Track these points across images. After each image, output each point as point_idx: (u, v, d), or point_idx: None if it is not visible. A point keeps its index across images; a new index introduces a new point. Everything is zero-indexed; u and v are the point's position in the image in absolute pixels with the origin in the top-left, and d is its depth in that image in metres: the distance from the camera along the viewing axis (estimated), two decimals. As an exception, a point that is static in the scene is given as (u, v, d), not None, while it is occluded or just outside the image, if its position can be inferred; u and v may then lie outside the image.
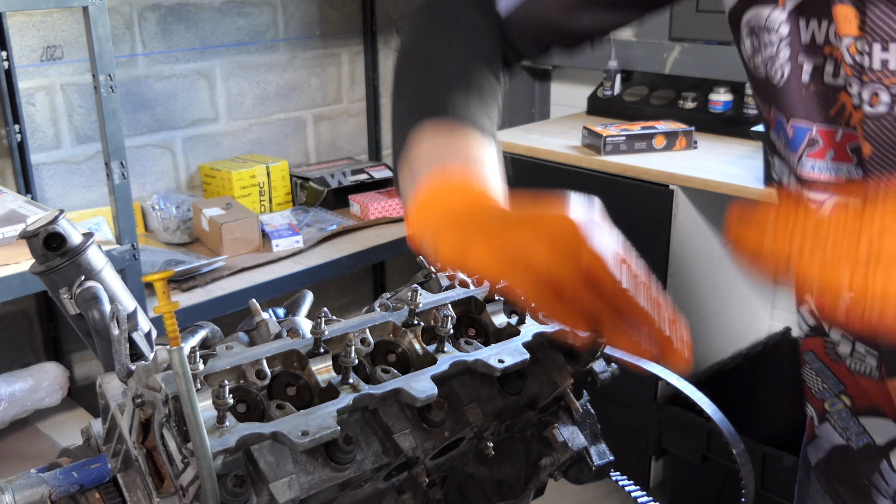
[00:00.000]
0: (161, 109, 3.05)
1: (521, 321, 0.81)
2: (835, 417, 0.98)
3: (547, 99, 3.40)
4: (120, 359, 0.70)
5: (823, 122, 0.80)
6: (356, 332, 0.76)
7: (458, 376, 0.77)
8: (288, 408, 0.67)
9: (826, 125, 0.80)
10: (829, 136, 0.80)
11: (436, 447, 0.74)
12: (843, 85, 0.77)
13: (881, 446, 0.93)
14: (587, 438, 0.87)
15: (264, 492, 0.65)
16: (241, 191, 3.08)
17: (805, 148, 0.83)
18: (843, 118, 0.78)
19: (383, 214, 3.15)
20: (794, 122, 0.82)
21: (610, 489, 2.70)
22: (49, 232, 0.74)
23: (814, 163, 0.83)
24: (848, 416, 0.96)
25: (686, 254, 2.47)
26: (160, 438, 0.65)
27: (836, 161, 0.81)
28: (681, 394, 0.98)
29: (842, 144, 0.79)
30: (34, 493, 0.69)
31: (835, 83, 0.77)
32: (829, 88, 0.78)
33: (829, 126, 0.80)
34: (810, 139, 0.81)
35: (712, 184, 2.27)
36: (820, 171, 0.83)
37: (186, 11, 3.03)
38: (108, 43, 2.05)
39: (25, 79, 2.69)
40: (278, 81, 3.34)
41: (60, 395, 2.62)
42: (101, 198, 2.88)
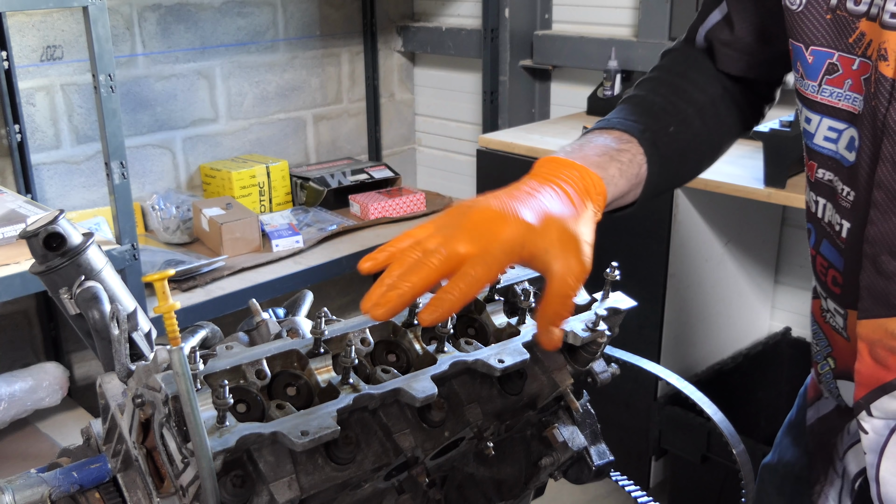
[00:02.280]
0: (161, 109, 3.05)
1: (521, 321, 0.81)
2: (823, 380, 1.02)
3: (547, 99, 3.40)
4: (120, 359, 0.70)
5: (843, 50, 0.83)
6: (356, 332, 0.76)
7: (458, 376, 0.77)
8: (288, 408, 0.67)
9: (845, 53, 0.83)
10: (848, 64, 0.83)
11: (436, 447, 0.73)
12: (864, 12, 0.79)
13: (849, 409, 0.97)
14: (587, 438, 0.87)
15: (264, 492, 0.65)
16: (241, 191, 3.08)
17: (824, 75, 0.86)
18: (861, 47, 0.81)
19: (383, 214, 3.15)
20: (813, 49, 0.85)
21: (610, 489, 2.70)
22: (49, 232, 0.74)
23: (832, 90, 0.86)
24: (830, 379, 1.00)
25: (686, 254, 2.47)
26: (160, 438, 0.65)
27: (852, 90, 0.83)
28: (681, 394, 0.98)
29: (857, 74, 0.82)
30: (34, 493, 0.69)
31: (856, 9, 0.80)
32: (850, 15, 0.81)
33: (847, 54, 0.83)
34: (830, 65, 0.84)
35: (712, 184, 2.27)
36: (838, 99, 0.86)
37: (186, 11, 3.03)
38: (108, 43, 2.05)
39: (25, 79, 2.69)
40: (278, 81, 3.34)
41: (60, 395, 2.62)
42: (101, 198, 2.88)
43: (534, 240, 0.76)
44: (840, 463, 1.02)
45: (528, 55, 3.28)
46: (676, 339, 2.53)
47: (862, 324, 0.86)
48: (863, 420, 0.88)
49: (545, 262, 0.76)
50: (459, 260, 0.73)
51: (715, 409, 0.95)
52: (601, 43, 3.00)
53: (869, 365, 0.86)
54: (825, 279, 0.95)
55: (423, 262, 0.73)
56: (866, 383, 0.87)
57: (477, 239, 0.74)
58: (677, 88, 1.05)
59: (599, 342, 0.81)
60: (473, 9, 3.41)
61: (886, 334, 0.84)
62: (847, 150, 0.86)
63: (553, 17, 3.28)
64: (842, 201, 0.88)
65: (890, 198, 0.81)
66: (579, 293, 0.89)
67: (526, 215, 0.77)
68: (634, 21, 3.01)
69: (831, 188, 0.90)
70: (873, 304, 0.84)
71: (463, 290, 0.71)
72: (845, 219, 0.88)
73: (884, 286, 0.83)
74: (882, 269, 0.83)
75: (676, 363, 2.54)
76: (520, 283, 0.86)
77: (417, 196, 3.23)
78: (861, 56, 0.81)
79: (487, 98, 3.31)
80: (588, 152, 0.91)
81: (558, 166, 0.87)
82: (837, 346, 0.97)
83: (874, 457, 0.89)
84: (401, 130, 3.81)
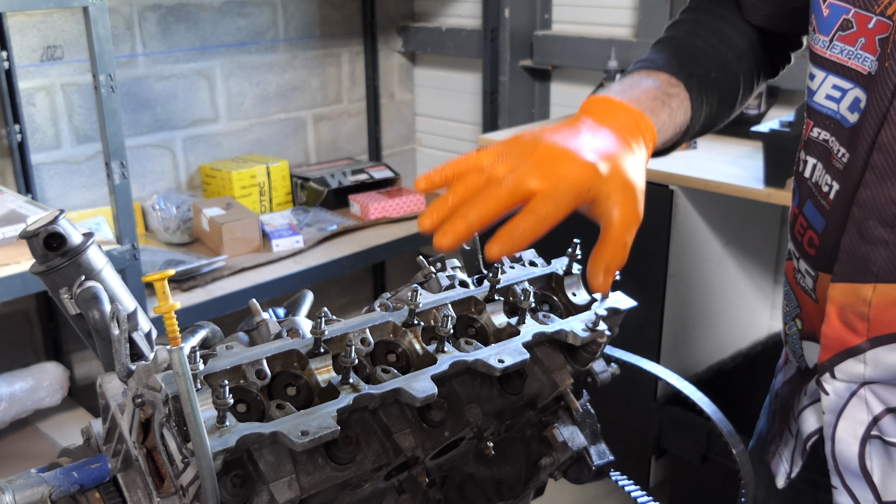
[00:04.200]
0: (161, 109, 3.05)
1: (521, 321, 0.81)
2: (789, 340, 1.03)
3: (547, 99, 3.40)
4: (120, 359, 0.70)
5: (860, 6, 0.82)
6: (356, 332, 0.76)
7: (458, 376, 0.77)
8: (288, 408, 0.67)
9: (862, 10, 0.82)
10: (864, 22, 0.82)
11: (436, 447, 0.74)
12: None
13: (811, 370, 0.98)
14: (587, 438, 0.87)
15: (264, 492, 0.65)
16: (241, 191, 3.08)
17: (837, 30, 0.85)
18: (881, 5, 0.80)
19: (383, 214, 3.15)
20: (830, 2, 0.84)
21: (610, 489, 2.70)
22: (49, 232, 0.74)
23: (843, 47, 0.85)
24: (797, 340, 1.01)
25: (686, 254, 2.47)
26: (160, 438, 0.65)
27: (864, 49, 0.82)
28: (681, 394, 0.98)
29: (872, 33, 0.81)
30: (34, 493, 0.69)
31: None
32: None
33: (865, 11, 0.81)
34: (844, 21, 0.83)
35: (712, 184, 2.27)
36: (848, 57, 0.85)
37: (186, 11, 3.03)
38: (108, 43, 2.05)
39: (25, 79, 2.69)
40: (278, 81, 3.34)
41: (60, 395, 2.62)
42: (101, 198, 2.88)
43: (599, 184, 0.75)
44: (794, 423, 1.03)
45: (528, 55, 3.28)
46: (676, 339, 2.53)
47: (834, 286, 0.86)
48: (825, 381, 0.89)
49: (606, 207, 0.76)
50: (527, 194, 0.72)
51: (715, 409, 0.95)
52: (601, 43, 3.00)
53: (836, 328, 0.87)
54: (801, 240, 0.95)
55: (491, 191, 0.71)
56: (832, 346, 0.88)
57: (546, 175, 0.73)
58: (717, 31, 1.04)
59: (599, 342, 0.81)
60: (473, 9, 3.41)
61: (858, 299, 0.84)
62: (849, 111, 0.86)
63: (553, 17, 3.28)
64: (835, 162, 0.88)
65: (890, 162, 0.80)
66: (579, 293, 0.89)
67: (592, 157, 0.77)
68: (634, 21, 3.01)
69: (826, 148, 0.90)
70: (850, 268, 0.85)
71: (532, 227, 0.71)
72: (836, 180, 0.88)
73: (865, 251, 0.83)
74: (866, 234, 0.83)
75: (676, 363, 2.54)
76: (520, 283, 0.86)
77: (417, 196, 3.23)
78: (879, 14, 0.80)
79: (487, 98, 3.31)
80: (640, 95, 0.91)
81: (613, 108, 0.86)
82: (806, 308, 0.97)
83: (832, 416, 0.90)
84: (401, 130, 3.81)
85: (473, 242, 0.92)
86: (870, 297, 0.84)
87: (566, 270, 0.89)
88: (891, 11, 0.79)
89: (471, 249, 0.92)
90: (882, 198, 0.81)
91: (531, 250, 0.93)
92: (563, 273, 0.89)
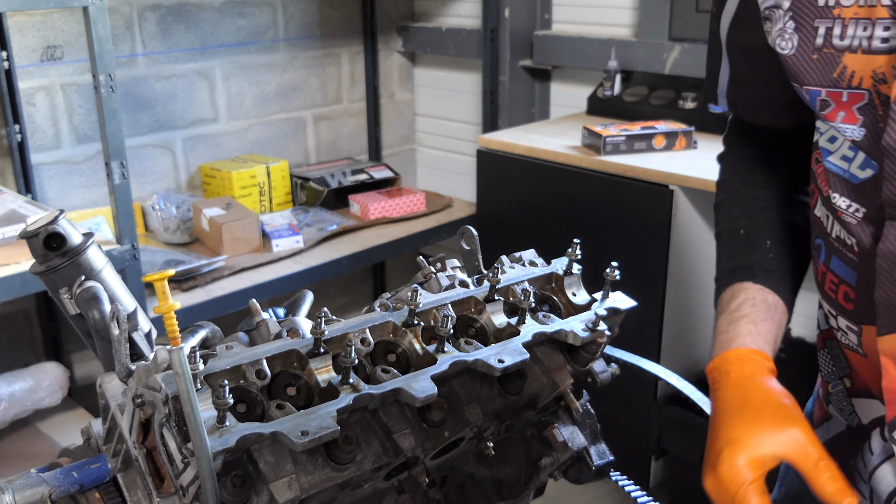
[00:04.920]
0: (161, 109, 3.05)
1: (521, 321, 0.81)
2: (832, 399, 1.03)
3: (547, 99, 3.40)
4: (120, 359, 0.70)
5: (829, 85, 0.85)
6: (356, 332, 0.76)
7: (458, 376, 0.77)
8: (288, 408, 0.67)
9: (831, 88, 0.85)
10: (837, 97, 0.85)
11: (436, 447, 0.74)
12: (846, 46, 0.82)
13: (865, 426, 0.98)
14: (587, 438, 0.87)
15: (264, 492, 0.65)
16: (241, 191, 3.08)
17: (819, 111, 0.88)
18: (846, 80, 0.83)
19: (383, 214, 3.15)
20: (806, 88, 0.88)
21: (610, 489, 2.70)
22: (49, 232, 0.74)
23: (829, 125, 0.88)
24: (843, 397, 1.01)
25: (686, 254, 2.47)
26: (160, 438, 0.65)
27: (845, 122, 0.85)
28: (681, 394, 0.98)
29: (849, 105, 0.84)
30: (34, 493, 0.69)
31: (841, 44, 0.82)
32: (835, 50, 0.83)
33: (833, 88, 0.85)
34: (821, 101, 0.87)
35: (712, 184, 2.26)
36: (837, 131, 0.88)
37: (186, 11, 3.03)
38: (108, 43, 2.05)
39: (25, 79, 2.69)
40: (278, 81, 3.34)
41: (60, 395, 2.62)
42: (101, 198, 2.88)
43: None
44: (866, 485, 1.01)
45: (528, 55, 3.28)
46: (676, 339, 2.53)
47: (883, 340, 0.86)
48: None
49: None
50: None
51: (715, 409, 0.95)
52: (601, 43, 3.00)
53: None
54: (836, 296, 0.95)
55: None
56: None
57: None
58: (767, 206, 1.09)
59: (599, 342, 0.81)
60: (473, 9, 3.41)
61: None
62: (860, 169, 0.88)
63: (553, 17, 3.28)
64: (845, 216, 0.89)
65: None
66: (579, 293, 0.89)
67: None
68: (634, 21, 3.00)
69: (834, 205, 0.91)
70: (891, 318, 0.84)
71: None
72: (852, 234, 0.89)
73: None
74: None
75: (676, 363, 2.54)
76: (520, 283, 0.86)
77: (417, 196, 3.23)
78: (847, 88, 0.84)
79: (487, 98, 3.31)
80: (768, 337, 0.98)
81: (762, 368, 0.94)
82: (856, 365, 0.97)
83: None
84: (401, 130, 3.81)
85: (473, 242, 0.92)
86: None
87: (566, 270, 0.89)
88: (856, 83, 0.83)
89: (471, 249, 0.92)
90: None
91: (531, 250, 0.93)
92: (563, 273, 0.89)
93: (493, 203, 2.83)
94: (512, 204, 2.76)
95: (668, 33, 2.84)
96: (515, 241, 1.57)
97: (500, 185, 2.80)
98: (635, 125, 2.61)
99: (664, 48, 2.82)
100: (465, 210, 3.30)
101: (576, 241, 0.88)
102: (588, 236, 0.81)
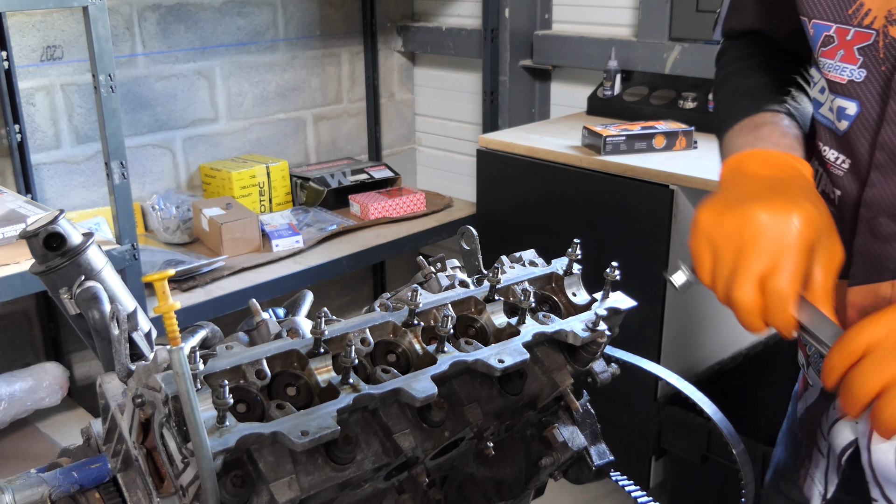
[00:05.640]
0: (161, 109, 3.05)
1: (521, 321, 0.81)
2: (811, 361, 1.04)
3: (547, 99, 3.40)
4: (120, 359, 0.70)
5: (841, 21, 0.85)
6: (356, 332, 0.76)
7: (458, 376, 0.77)
8: (288, 408, 0.67)
9: (843, 24, 0.84)
10: (843, 35, 0.84)
11: (436, 447, 0.74)
12: None
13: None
14: (587, 438, 0.87)
15: (264, 492, 0.65)
16: (241, 191, 3.08)
17: (820, 47, 0.87)
18: (858, 17, 0.82)
19: (383, 214, 3.15)
20: (814, 22, 0.87)
21: (610, 489, 2.70)
22: (49, 232, 0.74)
23: (824, 61, 0.88)
24: (818, 359, 1.01)
25: (686, 254, 2.46)
26: (160, 438, 0.65)
27: (843, 60, 0.85)
28: (681, 394, 0.98)
29: (850, 44, 0.84)
30: (34, 493, 0.69)
31: None
32: None
33: (844, 25, 0.84)
34: (826, 37, 0.86)
35: (712, 184, 2.27)
36: (828, 70, 0.87)
37: (186, 11, 3.03)
38: (108, 43, 2.05)
39: (25, 79, 2.69)
40: (278, 81, 3.34)
41: (60, 395, 2.62)
42: (101, 198, 2.88)
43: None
44: (825, 441, 1.02)
45: (528, 55, 3.28)
46: (676, 339, 2.53)
47: (853, 290, 0.87)
48: None
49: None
50: None
51: (715, 409, 0.95)
52: (601, 43, 3.00)
53: None
54: None
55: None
56: None
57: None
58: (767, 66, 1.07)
59: (599, 342, 0.81)
60: (473, 9, 3.41)
61: (878, 298, 0.85)
62: (838, 119, 0.88)
63: (553, 17, 3.28)
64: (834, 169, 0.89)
65: (892, 159, 0.81)
66: (579, 293, 0.89)
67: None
68: (634, 21, 3.00)
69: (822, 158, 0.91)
70: (865, 268, 0.85)
71: None
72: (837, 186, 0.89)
73: (879, 249, 0.84)
74: (878, 232, 0.83)
75: (676, 363, 2.54)
76: (520, 283, 0.86)
77: (417, 196, 3.23)
78: (857, 26, 0.83)
79: (487, 98, 3.31)
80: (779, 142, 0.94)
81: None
82: None
83: (867, 425, 0.90)
84: (401, 130, 3.81)
85: (473, 242, 0.92)
86: (889, 295, 0.84)
87: (566, 270, 0.89)
88: (868, 21, 0.82)
89: (471, 249, 0.92)
90: (889, 194, 0.82)
91: (531, 250, 0.93)
92: (563, 273, 0.89)
93: (493, 203, 2.83)
94: (512, 204, 2.76)
95: (668, 33, 2.84)
96: (515, 241, 1.57)
97: (500, 185, 2.80)
98: (635, 125, 2.61)
99: (664, 48, 2.82)
100: (465, 210, 3.30)
101: (576, 241, 0.89)
102: (588, 236, 0.81)
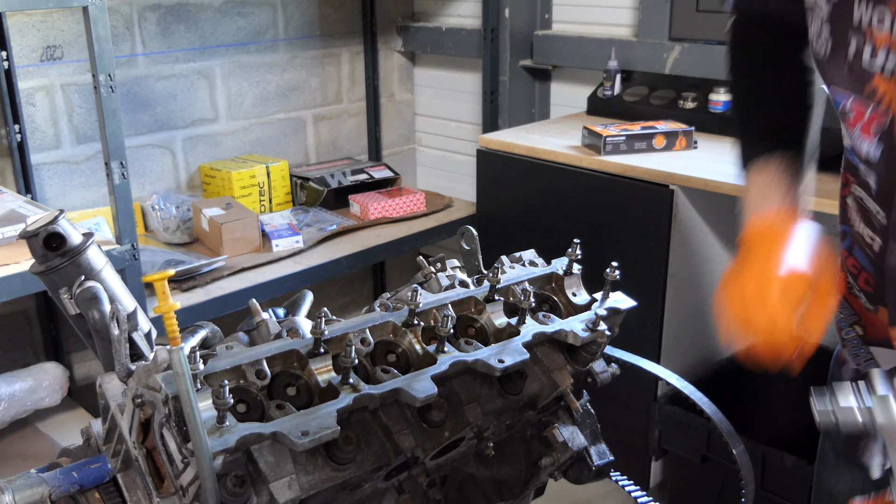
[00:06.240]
0: (161, 109, 3.05)
1: (521, 321, 0.81)
2: (848, 345, 1.06)
3: (547, 99, 3.40)
4: (120, 359, 0.70)
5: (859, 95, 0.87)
6: (356, 332, 0.76)
7: (458, 376, 0.77)
8: (288, 408, 0.67)
9: (861, 100, 0.87)
10: (861, 111, 0.87)
11: (436, 447, 0.74)
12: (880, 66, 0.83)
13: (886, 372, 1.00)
14: (587, 438, 0.87)
15: (264, 492, 0.65)
16: (241, 191, 3.08)
17: (840, 114, 0.91)
18: (876, 97, 0.84)
19: (383, 214, 3.15)
20: (834, 90, 0.91)
21: (610, 489, 2.70)
22: (49, 232, 0.74)
23: (844, 131, 0.92)
24: (858, 344, 1.04)
25: (686, 254, 2.46)
26: (160, 438, 0.65)
27: (863, 133, 0.87)
28: (681, 394, 0.98)
29: (869, 122, 0.86)
30: (34, 493, 0.69)
31: (870, 68, 0.83)
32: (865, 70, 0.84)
33: (863, 102, 0.87)
34: (843, 109, 0.89)
35: (712, 184, 2.27)
36: (849, 138, 0.91)
37: (186, 11, 3.03)
38: (108, 43, 2.05)
39: (25, 79, 2.69)
40: (278, 81, 3.34)
41: (60, 395, 2.62)
42: (101, 198, 2.88)
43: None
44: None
45: (528, 55, 3.28)
46: (676, 339, 2.53)
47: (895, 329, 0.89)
48: None
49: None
50: None
51: (715, 409, 0.95)
52: (601, 43, 3.00)
53: None
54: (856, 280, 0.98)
55: None
56: None
57: None
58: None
59: (599, 342, 0.81)
60: (473, 9, 3.41)
61: None
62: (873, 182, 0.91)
63: (553, 17, 3.28)
64: (873, 219, 0.92)
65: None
66: (579, 293, 0.89)
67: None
68: (634, 21, 3.00)
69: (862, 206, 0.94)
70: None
71: None
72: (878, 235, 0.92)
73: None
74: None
75: (676, 363, 2.54)
76: (520, 283, 0.86)
77: (417, 196, 3.23)
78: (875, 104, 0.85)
79: (487, 98, 3.31)
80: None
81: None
82: (865, 317, 1.00)
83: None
84: (401, 130, 3.81)
85: (473, 242, 0.92)
86: None
87: (566, 270, 0.89)
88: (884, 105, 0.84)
89: (471, 249, 0.92)
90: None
91: (531, 250, 0.93)
92: (563, 273, 0.89)
93: (493, 203, 2.83)
94: (512, 204, 2.76)
95: (668, 33, 2.84)
96: (515, 241, 1.57)
97: (500, 185, 2.80)
98: (635, 125, 2.61)
99: (664, 48, 2.82)
100: (465, 210, 3.29)
101: (576, 241, 0.89)
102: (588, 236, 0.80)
